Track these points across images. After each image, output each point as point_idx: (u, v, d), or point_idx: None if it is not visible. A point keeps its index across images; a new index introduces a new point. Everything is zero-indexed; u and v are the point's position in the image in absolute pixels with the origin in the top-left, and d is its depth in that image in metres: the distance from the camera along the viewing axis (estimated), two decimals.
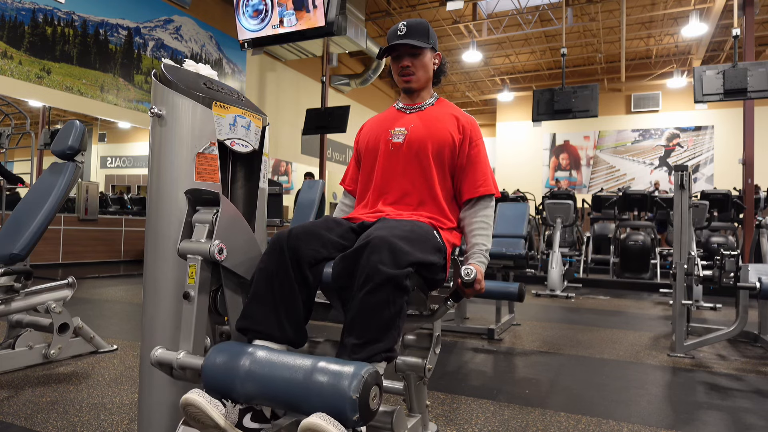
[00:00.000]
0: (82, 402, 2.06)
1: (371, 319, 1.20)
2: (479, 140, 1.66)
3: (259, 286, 1.31)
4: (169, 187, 1.42)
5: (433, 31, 1.68)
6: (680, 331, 3.15)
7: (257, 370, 1.10)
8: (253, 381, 1.10)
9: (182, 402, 1.12)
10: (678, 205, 3.24)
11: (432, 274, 1.40)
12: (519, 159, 14.97)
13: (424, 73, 1.66)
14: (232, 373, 1.12)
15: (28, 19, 6.47)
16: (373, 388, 1.01)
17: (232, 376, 1.12)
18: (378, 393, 1.04)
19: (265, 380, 1.09)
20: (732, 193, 7.34)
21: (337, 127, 8.61)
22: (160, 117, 1.43)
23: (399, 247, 1.25)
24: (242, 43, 6.27)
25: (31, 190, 2.62)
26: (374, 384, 1.02)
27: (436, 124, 1.63)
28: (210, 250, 1.28)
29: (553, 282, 5.90)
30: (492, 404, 2.17)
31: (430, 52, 1.66)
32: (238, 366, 1.12)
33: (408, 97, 1.71)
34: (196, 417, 1.12)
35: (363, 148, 1.73)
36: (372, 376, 1.02)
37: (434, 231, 1.49)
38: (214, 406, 1.11)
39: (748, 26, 7.12)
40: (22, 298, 2.46)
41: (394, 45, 1.62)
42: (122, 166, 12.72)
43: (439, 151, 1.60)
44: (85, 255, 7.39)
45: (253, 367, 1.11)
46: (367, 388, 1.00)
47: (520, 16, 11.09)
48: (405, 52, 1.63)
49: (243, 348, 1.17)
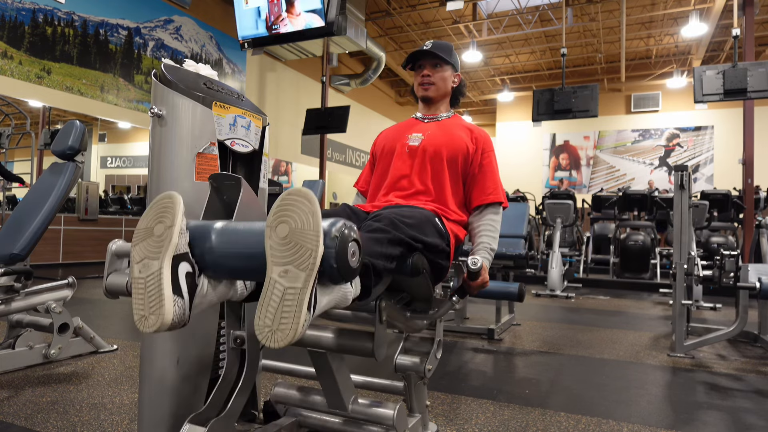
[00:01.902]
0: (82, 402, 2.06)
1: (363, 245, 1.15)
2: (491, 152, 1.74)
3: None
4: (169, 187, 1.42)
5: (456, 54, 1.80)
6: (680, 331, 3.15)
7: (231, 228, 1.05)
8: (224, 235, 1.02)
9: (158, 196, 1.04)
10: (678, 205, 3.24)
11: (435, 256, 1.41)
12: (519, 159, 14.96)
13: (443, 85, 1.76)
14: (207, 229, 1.05)
15: (28, 19, 6.47)
16: (351, 239, 0.95)
17: (204, 232, 1.04)
18: (357, 251, 0.96)
19: (238, 234, 1.03)
20: (732, 193, 7.34)
21: (337, 127, 8.60)
22: (160, 117, 1.43)
23: (399, 223, 1.27)
24: (242, 43, 6.27)
25: (31, 190, 2.62)
26: (352, 240, 0.95)
27: (452, 132, 1.70)
28: None
29: (553, 282, 5.90)
30: (492, 404, 2.17)
31: (450, 69, 1.77)
32: (214, 225, 1.06)
33: (426, 107, 1.80)
34: (157, 210, 1.02)
35: (379, 151, 1.79)
36: (349, 229, 0.95)
37: (436, 217, 1.51)
38: (182, 213, 1.01)
39: (748, 26, 7.12)
40: (22, 298, 2.46)
41: (417, 53, 1.73)
42: (122, 166, 12.73)
43: (453, 157, 1.66)
44: (85, 255, 7.39)
45: (229, 226, 1.05)
46: (345, 237, 0.93)
47: (520, 16, 11.08)
48: (427, 62, 1.74)
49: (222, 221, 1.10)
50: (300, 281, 0.88)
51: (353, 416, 1.40)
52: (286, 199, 0.93)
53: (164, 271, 0.95)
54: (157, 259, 0.96)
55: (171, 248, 0.97)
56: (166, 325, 0.93)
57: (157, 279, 0.95)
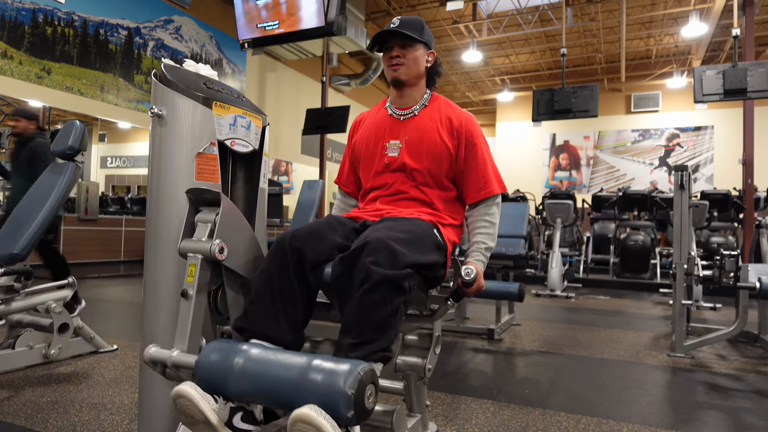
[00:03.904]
0: (82, 402, 2.06)
1: (367, 318, 1.19)
2: (476, 139, 1.61)
3: (260, 287, 1.31)
4: (169, 187, 1.42)
5: (428, 30, 1.64)
6: (680, 331, 3.15)
7: (251, 367, 1.10)
8: (246, 378, 1.09)
9: (174, 393, 1.10)
10: (678, 205, 3.24)
11: (432, 272, 1.40)
12: (519, 159, 14.95)
13: (415, 66, 1.59)
14: (226, 369, 1.11)
15: (28, 19, 6.47)
16: (368, 386, 1.00)
17: (225, 372, 1.11)
18: (374, 392, 1.02)
19: (259, 377, 1.08)
20: (732, 193, 7.34)
21: (337, 127, 8.61)
22: (160, 117, 1.43)
23: (396, 249, 1.24)
24: (242, 43, 6.28)
25: (31, 190, 2.63)
26: (370, 382, 1.01)
27: (431, 135, 1.59)
28: (211, 249, 1.28)
29: (553, 282, 5.90)
30: (492, 404, 2.17)
31: (423, 47, 1.61)
32: (232, 363, 1.11)
33: (399, 94, 1.65)
34: (186, 410, 1.10)
35: (360, 154, 1.71)
36: (368, 373, 1.01)
37: (434, 229, 1.49)
38: (205, 400, 1.10)
39: (748, 26, 7.12)
40: (22, 298, 2.46)
41: (384, 32, 1.56)
42: (122, 166, 12.72)
43: (436, 164, 1.58)
44: (85, 255, 7.38)
45: (248, 365, 1.10)
46: (362, 386, 0.99)
47: (520, 16, 11.08)
48: (396, 43, 1.57)
49: (238, 346, 1.16)
50: None
51: None
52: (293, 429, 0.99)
53: None
54: None
55: (219, 426, 1.11)
56: None
57: None
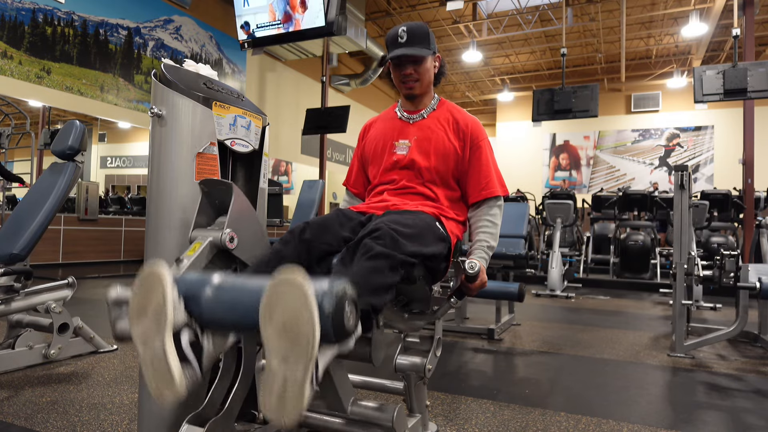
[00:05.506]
0: (82, 402, 2.06)
1: (363, 280, 1.16)
2: (481, 141, 1.66)
3: (270, 259, 1.31)
4: (169, 187, 1.42)
5: (432, 34, 1.67)
6: (680, 331, 3.15)
7: (227, 286, 1.05)
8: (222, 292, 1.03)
9: (146, 269, 1.02)
10: (678, 205, 3.23)
11: (435, 263, 1.41)
12: (519, 159, 14.95)
13: (427, 76, 1.65)
14: (202, 283, 1.05)
15: (28, 19, 6.47)
16: (347, 304, 0.95)
17: (201, 285, 1.05)
18: (354, 311, 0.96)
19: (235, 289, 1.04)
20: (732, 193, 7.34)
21: (337, 127, 8.61)
22: (160, 117, 1.43)
23: (399, 239, 1.26)
24: (242, 43, 6.27)
25: (31, 190, 2.62)
26: (347, 305, 0.95)
27: (438, 135, 1.63)
28: (222, 237, 1.29)
29: (553, 282, 5.90)
30: (492, 404, 2.17)
31: (431, 56, 1.65)
32: (210, 279, 1.06)
33: (410, 102, 1.70)
34: (146, 289, 1.01)
35: (370, 154, 1.73)
36: (341, 295, 0.95)
37: (437, 221, 1.50)
38: (173, 290, 1.00)
39: (748, 26, 7.12)
40: (22, 298, 2.46)
41: (397, 57, 1.60)
42: (122, 166, 12.73)
43: (443, 163, 1.61)
44: (85, 255, 7.39)
45: (225, 284, 1.05)
46: (340, 304, 0.93)
47: (520, 16, 11.08)
48: (407, 60, 1.62)
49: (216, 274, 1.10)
50: (300, 369, 0.89)
51: (353, 417, 1.39)
52: (276, 290, 0.90)
53: (167, 347, 0.97)
54: (158, 337, 0.98)
55: (168, 325, 0.98)
56: (183, 395, 0.96)
57: (162, 355, 0.97)
